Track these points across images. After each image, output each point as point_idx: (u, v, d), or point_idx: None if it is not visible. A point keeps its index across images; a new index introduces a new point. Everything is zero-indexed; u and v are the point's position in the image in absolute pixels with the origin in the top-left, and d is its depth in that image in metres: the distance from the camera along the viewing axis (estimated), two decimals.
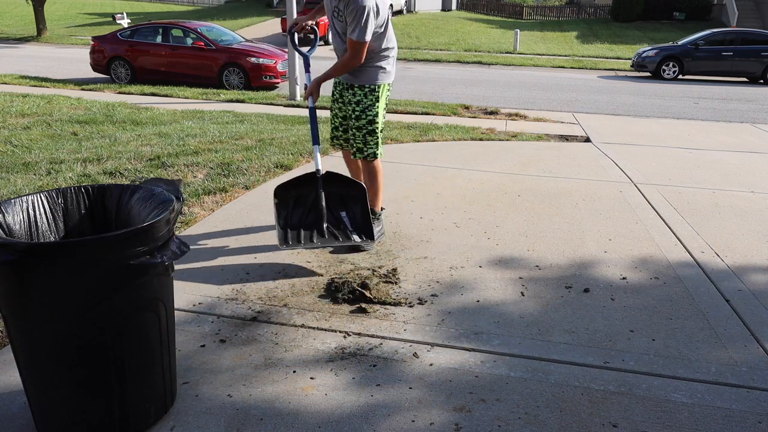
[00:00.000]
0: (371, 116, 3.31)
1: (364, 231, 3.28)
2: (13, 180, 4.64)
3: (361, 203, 3.31)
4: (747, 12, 25.45)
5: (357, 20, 3.01)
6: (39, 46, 22.26)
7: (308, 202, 3.32)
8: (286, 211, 3.27)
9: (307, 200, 3.32)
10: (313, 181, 3.31)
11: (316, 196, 3.29)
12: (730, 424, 2.09)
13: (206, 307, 2.80)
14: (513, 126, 8.16)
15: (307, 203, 3.32)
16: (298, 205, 3.31)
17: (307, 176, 3.32)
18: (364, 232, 3.28)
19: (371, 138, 3.36)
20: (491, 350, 2.50)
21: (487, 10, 36.26)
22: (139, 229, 1.72)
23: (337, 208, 3.35)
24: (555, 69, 18.05)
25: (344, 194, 3.34)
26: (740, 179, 5.42)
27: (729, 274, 3.33)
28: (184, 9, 37.45)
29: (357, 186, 3.34)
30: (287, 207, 3.28)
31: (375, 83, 3.29)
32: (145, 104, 9.17)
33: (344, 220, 3.33)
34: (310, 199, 3.31)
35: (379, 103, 3.31)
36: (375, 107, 3.30)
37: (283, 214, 3.25)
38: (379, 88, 3.30)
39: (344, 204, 3.36)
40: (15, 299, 1.71)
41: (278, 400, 2.15)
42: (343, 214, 3.35)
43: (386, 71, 3.32)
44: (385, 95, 3.36)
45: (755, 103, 11.89)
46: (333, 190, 3.33)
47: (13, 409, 2.07)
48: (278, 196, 3.25)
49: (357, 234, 3.28)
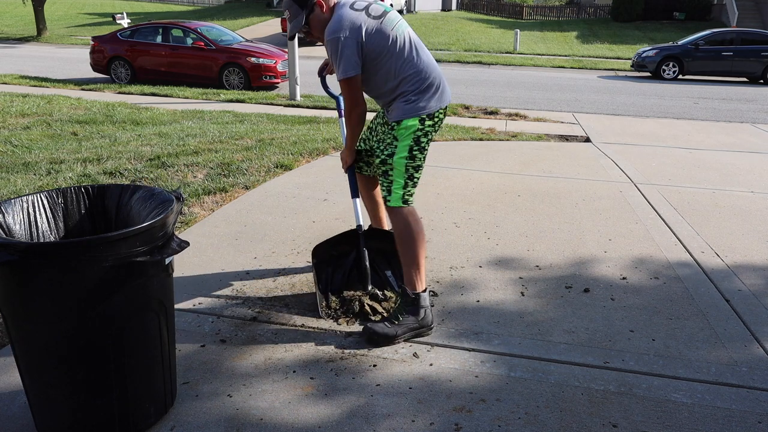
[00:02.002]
0: (386, 155, 2.65)
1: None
2: (13, 180, 4.65)
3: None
4: (747, 12, 25.44)
5: (334, 56, 2.50)
6: (39, 46, 22.26)
7: (348, 263, 2.96)
8: (326, 273, 2.92)
9: (347, 261, 2.97)
10: (354, 238, 2.95)
11: (358, 255, 2.93)
12: (730, 424, 2.09)
13: (206, 307, 2.80)
14: (513, 126, 8.16)
15: (347, 264, 2.97)
16: (338, 267, 2.96)
17: (348, 233, 2.97)
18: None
19: (384, 179, 2.68)
20: (491, 350, 2.50)
21: (487, 10, 36.26)
22: (139, 229, 1.72)
23: (382, 267, 3.00)
24: (555, 69, 18.05)
25: (388, 250, 2.92)
26: (740, 179, 5.42)
27: (729, 274, 3.33)
28: (184, 9, 37.46)
29: (389, 235, 2.93)
30: (327, 268, 2.94)
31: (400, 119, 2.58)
32: (145, 104, 9.17)
33: (390, 280, 2.98)
34: (350, 259, 2.96)
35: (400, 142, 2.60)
36: (393, 145, 2.62)
37: (323, 277, 2.90)
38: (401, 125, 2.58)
39: (389, 262, 3.00)
40: (15, 299, 1.71)
41: (278, 400, 2.15)
42: (389, 273, 3.00)
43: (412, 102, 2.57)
44: (414, 131, 2.58)
45: (755, 103, 11.88)
46: (376, 247, 2.96)
47: (13, 409, 2.07)
48: (317, 256, 2.90)
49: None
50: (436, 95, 2.61)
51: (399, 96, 2.58)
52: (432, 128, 2.64)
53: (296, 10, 2.60)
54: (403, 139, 2.60)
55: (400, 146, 2.60)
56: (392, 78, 2.56)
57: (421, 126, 2.59)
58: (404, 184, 2.64)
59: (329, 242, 2.95)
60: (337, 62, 2.48)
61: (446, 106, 2.68)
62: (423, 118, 2.59)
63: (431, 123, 2.62)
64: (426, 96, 2.58)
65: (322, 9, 2.58)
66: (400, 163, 2.61)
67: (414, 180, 2.66)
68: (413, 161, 2.62)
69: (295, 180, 4.92)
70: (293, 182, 4.85)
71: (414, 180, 2.66)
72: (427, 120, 2.60)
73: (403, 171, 2.62)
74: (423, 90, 2.57)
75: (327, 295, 2.85)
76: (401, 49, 2.55)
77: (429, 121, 2.61)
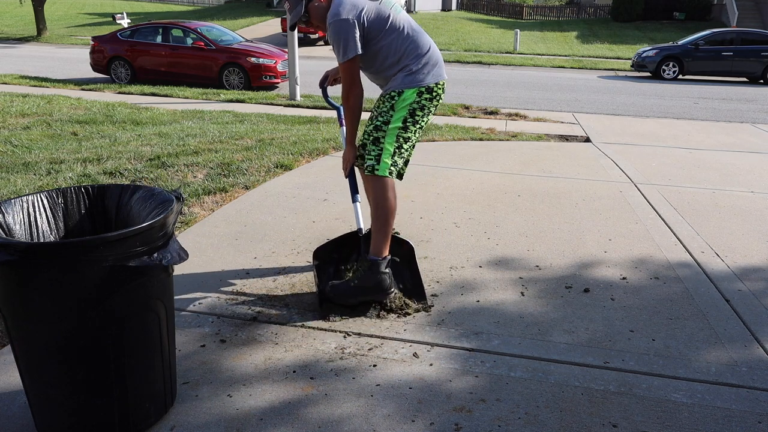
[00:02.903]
0: (380, 122, 2.75)
1: (415, 294, 2.88)
2: (13, 180, 4.65)
3: (410, 263, 2.95)
4: (747, 12, 25.44)
5: (336, 38, 2.61)
6: (39, 46, 22.27)
7: (351, 263, 2.97)
8: (327, 275, 2.94)
9: (349, 262, 2.97)
10: (354, 241, 2.97)
11: (358, 258, 2.94)
12: (730, 424, 2.09)
13: (206, 307, 2.80)
14: (513, 126, 8.16)
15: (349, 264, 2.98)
16: (340, 268, 2.97)
17: (349, 236, 2.98)
18: (414, 295, 2.88)
19: (374, 147, 2.76)
20: (491, 350, 2.50)
21: (487, 10, 36.27)
22: (139, 229, 1.72)
23: None
24: (555, 69, 18.05)
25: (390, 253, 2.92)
26: (740, 179, 5.42)
27: (729, 274, 3.33)
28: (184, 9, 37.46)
29: (404, 244, 2.97)
30: (328, 271, 2.95)
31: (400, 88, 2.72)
32: (145, 104, 9.17)
33: None
34: (352, 260, 2.97)
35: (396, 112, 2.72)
36: (389, 113, 2.74)
37: (324, 278, 2.91)
38: (401, 95, 2.71)
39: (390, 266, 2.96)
40: (15, 299, 1.71)
41: (278, 400, 2.15)
42: None
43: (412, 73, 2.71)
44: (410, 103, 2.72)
45: (755, 103, 11.88)
46: None
47: (13, 409, 2.07)
48: (318, 258, 2.93)
49: (407, 298, 2.87)
50: (434, 69, 2.77)
51: (400, 70, 2.73)
52: (429, 102, 2.77)
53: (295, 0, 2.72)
54: (399, 110, 2.74)
55: (396, 116, 2.74)
56: (392, 54, 2.72)
57: (418, 98, 2.74)
58: (392, 152, 2.76)
59: (330, 244, 2.99)
60: (340, 44, 2.61)
61: (443, 81, 2.82)
62: (421, 90, 2.74)
63: (428, 96, 2.76)
64: (425, 70, 2.74)
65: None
66: (393, 132, 2.75)
67: (402, 151, 2.79)
68: (405, 132, 2.76)
69: (295, 180, 4.92)
70: (293, 182, 4.85)
71: (402, 151, 2.79)
72: (425, 93, 2.74)
73: (394, 139, 2.75)
74: (422, 64, 2.74)
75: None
76: (400, 27, 2.72)
77: (426, 95, 2.75)
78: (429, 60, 2.76)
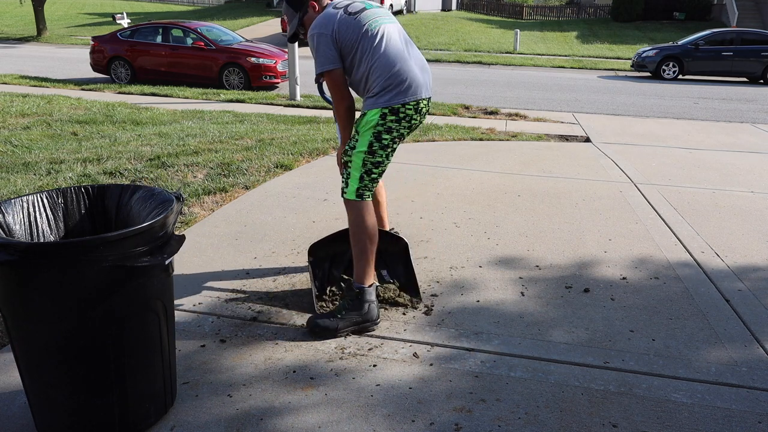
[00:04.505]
0: (349, 146, 2.63)
1: (410, 290, 2.92)
2: (13, 180, 4.65)
3: (404, 259, 2.96)
4: (747, 12, 25.44)
5: (312, 51, 2.57)
6: (39, 46, 22.26)
7: (345, 260, 2.98)
8: (321, 271, 2.94)
9: (344, 258, 2.98)
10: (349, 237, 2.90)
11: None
12: (730, 424, 2.09)
13: (206, 307, 2.80)
14: (513, 126, 8.16)
15: (344, 262, 2.99)
16: (335, 264, 2.98)
17: (344, 232, 2.92)
18: (409, 292, 2.91)
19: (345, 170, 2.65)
20: (491, 350, 2.50)
21: (487, 10, 36.26)
22: (139, 229, 1.72)
23: (378, 266, 2.96)
24: (555, 69, 18.04)
25: (384, 250, 2.94)
26: (740, 179, 5.42)
27: (729, 274, 3.33)
28: (184, 9, 37.45)
29: (398, 241, 2.98)
30: (323, 267, 2.96)
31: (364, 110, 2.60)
32: (145, 104, 9.17)
33: (385, 279, 3.00)
34: (347, 257, 2.96)
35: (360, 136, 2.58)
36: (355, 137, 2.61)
37: (319, 275, 2.92)
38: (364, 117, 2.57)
39: (385, 261, 3.00)
40: (15, 299, 1.71)
41: (278, 400, 2.15)
42: (385, 272, 3.01)
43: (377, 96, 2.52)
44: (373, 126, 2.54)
45: (755, 103, 11.88)
46: None
47: (13, 409, 2.07)
48: (312, 254, 2.92)
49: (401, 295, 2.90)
50: (400, 89, 2.51)
51: (367, 90, 2.58)
52: (397, 124, 2.54)
53: (291, 13, 2.69)
54: (363, 133, 2.57)
55: (361, 140, 2.57)
56: (360, 71, 2.56)
57: (382, 121, 2.53)
58: (360, 177, 2.60)
59: (325, 240, 2.97)
60: (316, 57, 2.55)
61: (415, 101, 2.55)
62: (384, 112, 2.52)
63: (394, 119, 2.53)
64: (388, 89, 2.51)
65: (314, 10, 2.66)
66: (359, 157, 2.58)
67: (372, 176, 2.62)
68: (372, 156, 2.57)
69: (295, 180, 4.92)
70: (293, 182, 4.85)
71: (372, 176, 2.62)
72: (389, 115, 2.52)
73: (360, 165, 2.58)
74: (386, 83, 2.50)
75: (322, 295, 2.88)
76: (370, 40, 2.52)
77: (392, 116, 2.52)
78: (396, 80, 2.50)
